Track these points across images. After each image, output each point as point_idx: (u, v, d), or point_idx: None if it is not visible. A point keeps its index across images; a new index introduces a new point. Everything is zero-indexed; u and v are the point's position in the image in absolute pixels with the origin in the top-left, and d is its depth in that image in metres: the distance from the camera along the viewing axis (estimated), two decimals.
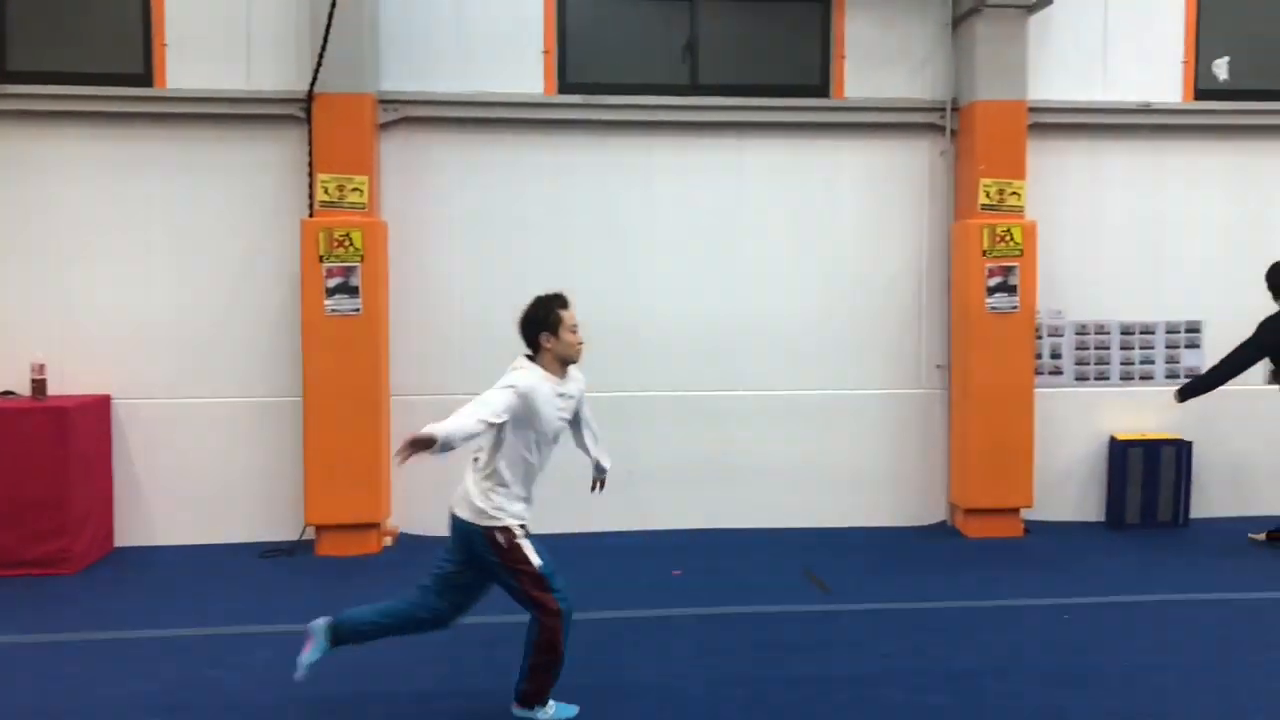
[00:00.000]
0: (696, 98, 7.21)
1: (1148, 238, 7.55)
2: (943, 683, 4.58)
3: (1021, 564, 6.55)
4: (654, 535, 7.17)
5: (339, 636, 4.15)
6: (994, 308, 7.04)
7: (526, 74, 7.12)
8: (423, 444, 3.71)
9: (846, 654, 4.96)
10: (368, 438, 6.68)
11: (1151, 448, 7.36)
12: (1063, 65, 7.39)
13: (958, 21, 7.30)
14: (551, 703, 4.16)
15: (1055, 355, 7.53)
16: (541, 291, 4.18)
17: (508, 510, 4.02)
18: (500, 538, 3.99)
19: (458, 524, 4.07)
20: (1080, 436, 7.53)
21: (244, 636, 5.20)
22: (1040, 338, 7.39)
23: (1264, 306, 6.73)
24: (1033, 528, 7.23)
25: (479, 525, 4.00)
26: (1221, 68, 7.59)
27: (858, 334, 7.37)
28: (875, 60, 7.33)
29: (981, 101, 7.07)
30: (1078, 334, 7.54)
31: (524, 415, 3.98)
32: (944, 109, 7.32)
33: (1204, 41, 7.57)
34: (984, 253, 7.02)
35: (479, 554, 4.04)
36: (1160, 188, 7.55)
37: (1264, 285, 6.73)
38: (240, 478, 6.93)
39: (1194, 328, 7.64)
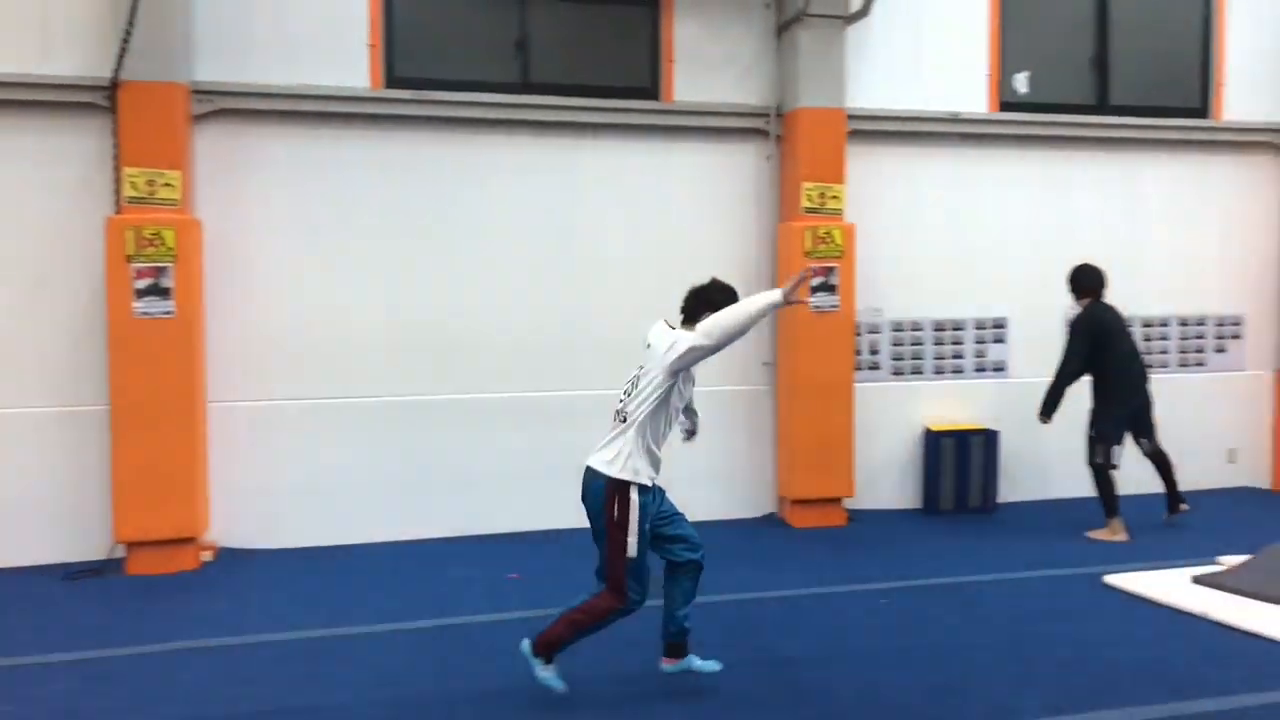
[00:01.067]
0: (528, 96, 7.17)
1: (959, 240, 8.01)
2: (767, 670, 4.74)
3: (844, 552, 6.85)
4: (490, 539, 7.12)
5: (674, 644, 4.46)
6: (816, 306, 7.31)
7: (351, 67, 6.90)
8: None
9: None
10: (182, 448, 6.33)
11: (962, 438, 7.82)
12: (879, 75, 7.73)
13: (782, 30, 7.54)
14: (551, 666, 4.24)
15: (874, 351, 7.90)
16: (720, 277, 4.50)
17: (640, 470, 4.13)
18: (618, 495, 4.10)
19: (586, 476, 4.22)
20: (897, 428, 7.93)
21: (42, 666, 4.83)
22: (859, 335, 7.74)
23: (1065, 304, 7.29)
24: (855, 516, 7.58)
25: (605, 475, 4.13)
26: (1021, 82, 8.14)
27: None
28: (703, 65, 7.48)
29: (804, 108, 7.33)
30: (894, 331, 7.94)
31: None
32: (769, 114, 7.56)
33: (1007, 56, 8.09)
34: (807, 254, 7.28)
35: (593, 505, 4.17)
36: (970, 193, 8.02)
37: (1065, 286, 7.19)
38: (41, 494, 6.43)
39: (1000, 324, 8.16)
